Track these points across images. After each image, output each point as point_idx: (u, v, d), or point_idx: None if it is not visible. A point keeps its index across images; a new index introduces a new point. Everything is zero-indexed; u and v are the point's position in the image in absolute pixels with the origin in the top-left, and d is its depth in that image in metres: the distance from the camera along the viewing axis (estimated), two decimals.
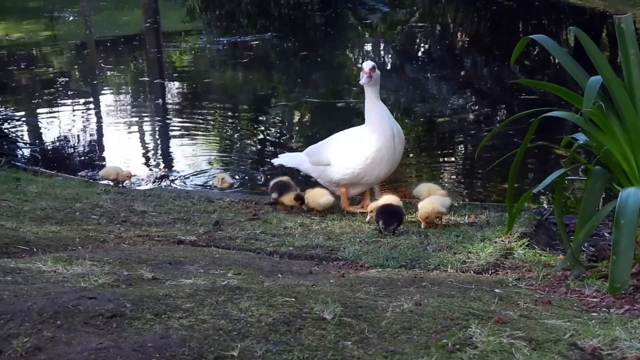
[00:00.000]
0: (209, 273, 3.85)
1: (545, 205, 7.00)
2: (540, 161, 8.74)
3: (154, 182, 8.69)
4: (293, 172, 7.33)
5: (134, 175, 8.30)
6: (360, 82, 6.23)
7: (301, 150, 7.21)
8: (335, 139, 6.61)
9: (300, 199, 6.32)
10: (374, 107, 6.27)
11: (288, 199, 6.34)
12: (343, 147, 6.43)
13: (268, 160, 7.61)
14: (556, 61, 11.59)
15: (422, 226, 5.70)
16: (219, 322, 2.83)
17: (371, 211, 5.77)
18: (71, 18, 26.00)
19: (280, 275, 4.08)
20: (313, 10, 24.99)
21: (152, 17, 23.06)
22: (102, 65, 18.08)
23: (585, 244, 5.15)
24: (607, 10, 18.40)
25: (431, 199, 5.83)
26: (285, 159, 7.13)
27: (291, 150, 9.37)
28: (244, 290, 3.23)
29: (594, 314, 3.58)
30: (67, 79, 16.69)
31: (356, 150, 6.31)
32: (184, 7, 27.61)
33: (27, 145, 10.82)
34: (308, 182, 7.17)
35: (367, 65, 6.19)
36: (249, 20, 23.69)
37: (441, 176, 9.14)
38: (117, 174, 7.99)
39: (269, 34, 20.17)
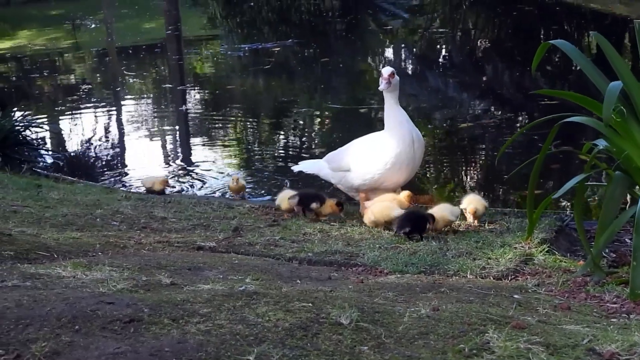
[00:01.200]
0: (228, 279, 3.86)
1: (566, 211, 6.97)
2: (564, 166, 8.70)
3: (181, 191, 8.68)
4: (314, 179, 7.35)
5: (169, 185, 8.14)
6: (379, 88, 6.23)
7: (322, 157, 7.21)
8: (355, 144, 6.62)
9: (341, 205, 6.32)
10: (393, 112, 6.27)
11: (330, 205, 6.27)
12: (363, 153, 6.43)
13: (290, 166, 7.59)
14: (578, 67, 11.56)
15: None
16: (236, 327, 2.84)
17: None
18: (93, 26, 26.18)
19: (299, 281, 4.08)
20: (334, 17, 25.03)
21: (173, 25, 23.17)
22: (125, 72, 18.18)
23: (606, 250, 5.13)
24: (629, 15, 18.29)
25: (441, 207, 5.82)
26: (305, 166, 7.14)
27: (313, 156, 9.39)
28: (262, 295, 3.24)
29: (614, 319, 3.56)
30: (88, 86, 16.82)
31: (376, 156, 6.30)
32: (205, 14, 27.73)
33: (49, 152, 10.89)
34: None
35: (386, 71, 6.19)
36: (269, 27, 23.75)
37: (462, 182, 9.12)
38: (153, 183, 7.85)
39: (290, 40, 20.22)
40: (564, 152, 7.15)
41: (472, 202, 5.92)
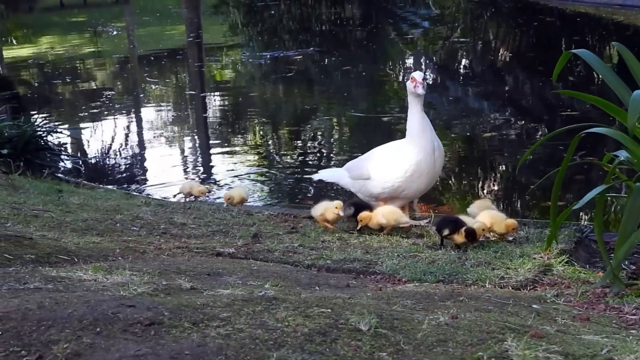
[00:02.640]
0: (247, 284, 3.88)
1: (585, 222, 6.95)
2: (588, 177, 8.67)
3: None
4: (333, 188, 7.37)
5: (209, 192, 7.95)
6: (418, 92, 6.18)
7: (344, 165, 7.21)
8: (375, 152, 6.61)
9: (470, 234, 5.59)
10: (417, 120, 6.25)
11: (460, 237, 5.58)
12: (383, 161, 6.42)
13: (312, 173, 7.58)
14: (600, 77, 11.51)
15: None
16: (256, 331, 2.85)
17: (361, 220, 5.95)
18: (115, 33, 26.31)
19: (317, 288, 4.09)
20: (354, 26, 25.07)
21: (194, 32, 23.29)
22: (147, 78, 18.28)
23: (626, 262, 5.10)
24: None
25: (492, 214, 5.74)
26: (324, 175, 7.15)
27: (336, 164, 9.42)
28: (281, 300, 3.25)
29: (633, 331, 3.55)
30: (110, 92, 16.91)
31: (396, 164, 6.30)
32: (226, 22, 27.84)
33: (70, 157, 10.96)
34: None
35: (420, 75, 6.19)
36: (290, 36, 23.81)
37: (482, 192, 9.11)
38: (191, 187, 7.61)
39: (312, 49, 20.27)
40: (586, 163, 7.13)
41: (487, 218, 5.77)
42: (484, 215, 5.72)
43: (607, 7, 22.27)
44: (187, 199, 7.45)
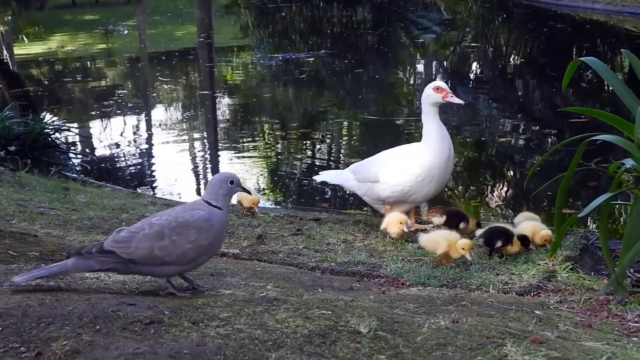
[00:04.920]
0: (249, 285, 3.88)
1: (592, 230, 6.93)
2: (601, 184, 8.64)
3: None
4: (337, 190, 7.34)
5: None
6: (453, 102, 6.15)
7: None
8: (385, 155, 6.57)
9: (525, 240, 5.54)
10: (435, 126, 6.20)
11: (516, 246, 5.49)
12: (394, 164, 6.38)
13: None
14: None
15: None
16: (255, 332, 2.86)
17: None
18: (126, 32, 26.36)
19: (320, 290, 4.09)
20: (365, 29, 25.08)
21: (205, 33, 23.31)
22: (159, 77, 18.30)
23: (631, 270, 5.09)
24: None
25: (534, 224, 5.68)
26: (327, 177, 7.02)
27: (345, 167, 9.42)
28: (282, 302, 3.25)
29: (635, 338, 3.54)
30: (120, 91, 16.93)
31: (408, 167, 6.25)
32: (237, 23, 27.87)
33: (78, 155, 10.98)
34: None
35: (444, 84, 6.18)
36: (301, 38, 23.83)
37: (489, 198, 9.10)
38: (241, 198, 6.80)
39: (323, 51, 20.28)
40: (592, 170, 7.10)
41: (529, 227, 5.70)
42: (526, 224, 5.69)
43: (619, 15, 22.24)
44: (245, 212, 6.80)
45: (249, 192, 3.92)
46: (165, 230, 3.18)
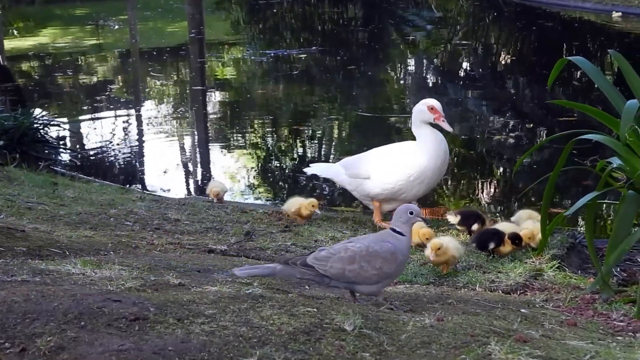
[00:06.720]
0: (236, 282, 3.88)
1: (579, 228, 6.95)
2: (595, 183, 8.64)
3: None
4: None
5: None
6: (445, 128, 6.14)
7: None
8: (377, 153, 6.55)
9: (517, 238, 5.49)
10: (428, 131, 6.15)
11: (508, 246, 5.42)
12: (386, 162, 6.36)
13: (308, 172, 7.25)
14: None
15: None
16: (240, 329, 2.86)
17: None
18: (116, 27, 26.30)
19: (307, 287, 4.09)
20: (356, 26, 25.09)
21: (196, 28, 23.26)
22: (149, 73, 18.28)
23: (617, 268, 5.11)
24: None
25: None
26: (318, 169, 6.99)
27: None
28: (267, 299, 3.26)
29: (619, 337, 3.56)
30: (110, 86, 16.91)
31: (400, 166, 6.24)
32: (228, 19, 27.84)
33: (67, 150, 10.96)
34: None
35: (438, 105, 6.16)
36: (292, 34, 23.83)
37: (477, 195, 9.12)
38: (300, 205, 6.34)
39: (314, 48, 20.28)
40: (586, 168, 7.12)
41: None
42: (528, 223, 5.68)
43: (608, 14, 22.28)
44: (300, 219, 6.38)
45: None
46: (357, 257, 3.65)
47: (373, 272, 3.63)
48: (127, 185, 8.95)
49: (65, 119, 13.25)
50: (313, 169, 6.98)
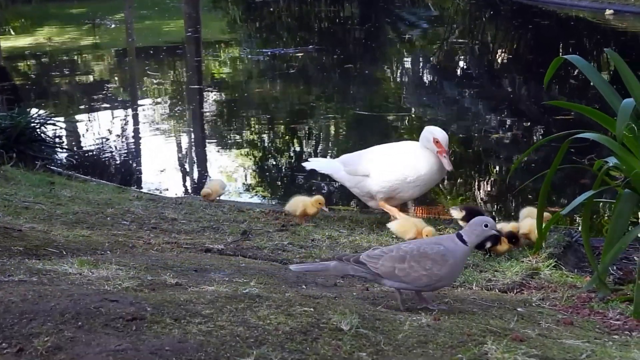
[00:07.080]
0: (233, 281, 3.88)
1: (576, 227, 6.95)
2: (588, 181, 8.66)
3: None
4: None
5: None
6: (446, 168, 6.18)
7: None
8: (377, 150, 6.55)
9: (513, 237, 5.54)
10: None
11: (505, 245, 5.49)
12: (386, 160, 6.37)
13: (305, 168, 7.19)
14: None
15: None
16: (237, 328, 2.87)
17: None
18: (113, 26, 26.28)
19: (304, 287, 4.09)
20: (353, 25, 25.09)
21: (193, 27, 23.25)
22: (146, 72, 18.27)
23: (614, 267, 5.12)
24: None
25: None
26: (317, 164, 6.99)
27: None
28: (264, 298, 3.26)
29: (615, 336, 3.56)
30: (107, 85, 16.89)
31: (399, 166, 6.25)
32: (225, 18, 27.84)
33: (64, 149, 10.95)
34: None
35: (444, 138, 6.15)
36: (288, 33, 23.83)
37: (474, 194, 9.12)
38: (305, 206, 6.38)
39: (311, 46, 20.28)
40: (583, 167, 7.12)
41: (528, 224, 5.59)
42: (527, 221, 5.68)
43: (603, 12, 22.29)
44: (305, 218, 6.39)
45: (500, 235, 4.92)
46: (407, 256, 3.70)
47: (422, 272, 3.66)
48: (124, 185, 8.94)
49: (62, 118, 13.24)
50: (312, 163, 6.97)
